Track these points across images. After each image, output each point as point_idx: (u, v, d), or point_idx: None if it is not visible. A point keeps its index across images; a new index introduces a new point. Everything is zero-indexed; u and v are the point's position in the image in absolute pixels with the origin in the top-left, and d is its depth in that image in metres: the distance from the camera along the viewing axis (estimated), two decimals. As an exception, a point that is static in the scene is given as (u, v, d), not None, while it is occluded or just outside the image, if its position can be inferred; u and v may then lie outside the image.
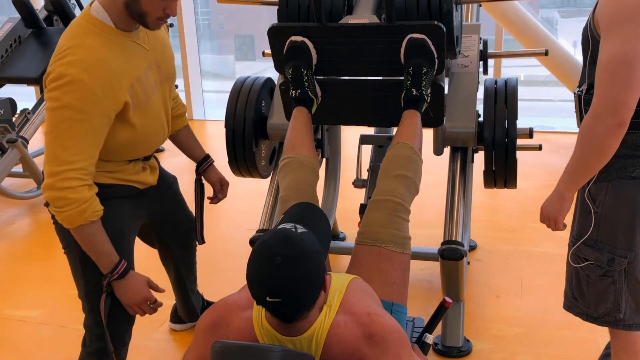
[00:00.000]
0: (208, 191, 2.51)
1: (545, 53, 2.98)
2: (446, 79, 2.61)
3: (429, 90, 2.16)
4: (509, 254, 3.42)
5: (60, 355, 2.66)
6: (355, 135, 3.15)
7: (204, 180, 2.51)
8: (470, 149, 2.71)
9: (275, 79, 2.90)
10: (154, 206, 2.28)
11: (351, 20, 2.25)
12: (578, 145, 1.67)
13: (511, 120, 2.55)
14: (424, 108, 2.16)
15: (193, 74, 6.80)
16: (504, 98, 2.59)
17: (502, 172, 2.60)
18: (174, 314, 2.80)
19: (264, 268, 1.49)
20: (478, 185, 2.84)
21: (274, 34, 2.29)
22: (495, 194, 4.03)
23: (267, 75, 2.99)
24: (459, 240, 2.46)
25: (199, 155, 2.48)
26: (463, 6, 2.69)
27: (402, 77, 2.18)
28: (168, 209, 2.38)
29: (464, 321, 2.63)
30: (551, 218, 1.81)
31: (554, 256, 3.29)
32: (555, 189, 1.78)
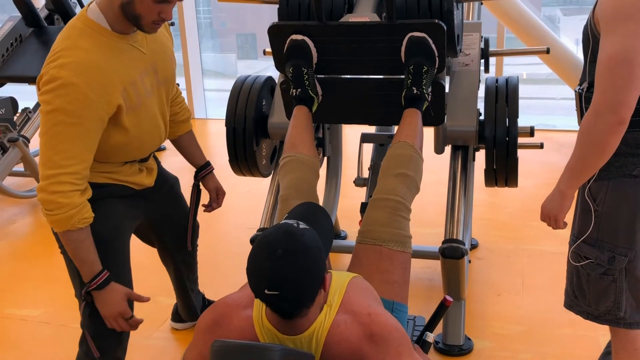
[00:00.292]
0: (205, 198, 2.51)
1: (547, 51, 2.97)
2: (447, 78, 2.61)
3: (429, 89, 2.16)
4: (510, 252, 3.41)
5: (61, 355, 2.66)
6: (356, 133, 3.14)
7: (201, 186, 2.50)
8: (471, 147, 2.70)
9: (276, 77, 2.89)
10: (152, 207, 2.27)
11: (352, 18, 2.25)
12: (578, 143, 1.67)
13: (512, 119, 2.55)
14: (425, 107, 2.16)
15: (194, 73, 6.79)
16: (505, 96, 2.59)
17: (503, 171, 2.59)
18: (175, 313, 2.80)
19: (263, 260, 1.49)
20: (479, 183, 2.83)
21: (275, 33, 2.28)
22: (496, 193, 4.03)
23: (269, 73, 2.99)
24: (460, 238, 2.46)
25: (199, 161, 2.47)
26: (464, 4, 2.68)
27: (403, 76, 2.18)
28: (168, 209, 2.38)
29: (465, 319, 2.63)
30: (551, 216, 1.81)
31: (555, 255, 3.29)
32: (555, 187, 1.78)
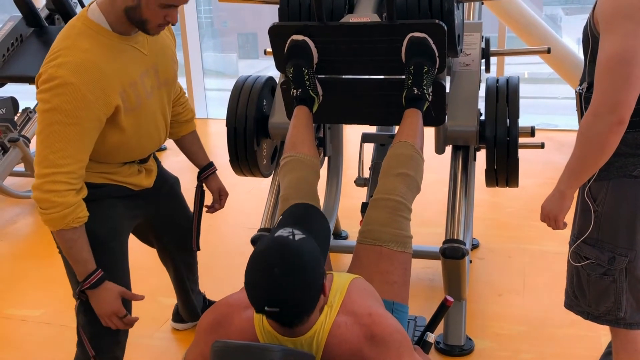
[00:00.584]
0: (208, 199, 2.50)
1: (548, 51, 2.97)
2: (448, 78, 2.60)
3: (430, 89, 2.15)
4: (512, 252, 3.41)
5: (62, 355, 2.66)
6: (357, 133, 3.14)
7: (204, 187, 2.50)
8: (471, 147, 2.70)
9: (277, 77, 2.89)
10: (151, 207, 2.27)
11: (352, 19, 2.24)
12: (578, 143, 1.66)
13: (513, 119, 2.54)
14: (426, 107, 2.16)
15: (195, 72, 6.78)
16: (505, 96, 2.58)
17: (504, 171, 2.59)
18: (176, 313, 2.80)
19: (261, 279, 1.48)
20: (480, 183, 2.83)
21: (275, 33, 2.28)
22: (497, 192, 4.02)
23: (270, 73, 2.99)
24: (461, 238, 2.45)
25: (202, 162, 2.47)
26: (465, 4, 2.68)
27: (404, 76, 2.17)
28: (167, 210, 2.37)
29: (466, 320, 2.62)
30: (551, 217, 1.81)
31: (556, 255, 3.28)
32: (555, 187, 1.78)
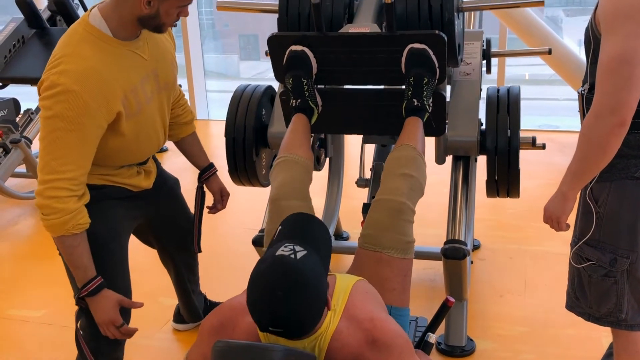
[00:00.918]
0: (209, 200, 2.50)
1: (549, 52, 2.97)
2: (448, 87, 2.57)
3: (430, 100, 2.12)
4: (513, 253, 3.41)
5: (63, 356, 2.66)
6: (358, 134, 3.13)
7: (205, 189, 2.50)
8: (472, 158, 2.68)
9: (276, 86, 2.88)
10: (151, 208, 2.27)
11: (352, 29, 2.22)
12: (579, 144, 1.66)
13: (513, 129, 2.51)
14: (426, 117, 2.13)
15: (197, 74, 6.79)
16: (506, 106, 2.56)
17: (505, 182, 2.56)
18: (177, 314, 2.80)
19: (264, 302, 1.47)
20: (481, 183, 2.83)
21: (274, 44, 2.26)
22: (499, 193, 4.01)
23: (271, 74, 2.97)
24: (462, 239, 2.45)
25: (202, 163, 2.47)
26: (465, 13, 2.66)
27: (403, 87, 2.15)
28: (167, 211, 2.37)
29: (467, 320, 2.62)
30: (554, 218, 1.80)
31: (557, 255, 3.28)
32: (557, 189, 1.77)
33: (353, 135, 3.87)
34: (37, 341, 2.82)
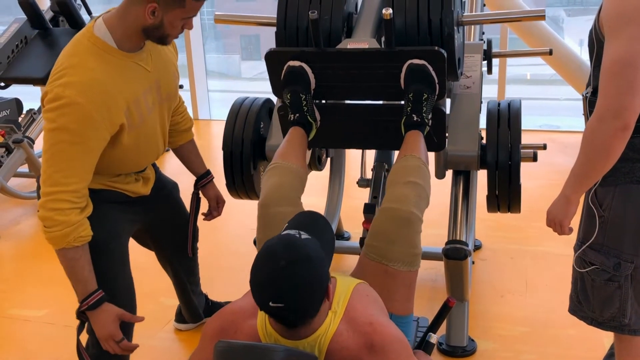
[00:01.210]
0: (204, 206, 2.51)
1: (550, 52, 2.97)
2: (448, 100, 2.54)
3: (430, 115, 2.09)
4: (514, 253, 3.41)
5: (65, 355, 2.67)
6: (359, 134, 3.13)
7: (201, 195, 2.49)
8: (473, 172, 2.65)
9: (274, 98, 2.87)
10: (149, 213, 2.27)
11: (350, 44, 2.19)
12: (582, 148, 1.64)
13: (514, 144, 2.49)
14: (426, 131, 2.10)
15: (198, 74, 6.80)
16: (507, 120, 2.53)
17: (506, 197, 2.53)
18: (179, 313, 2.80)
19: (267, 272, 1.49)
20: (482, 183, 2.83)
21: (272, 59, 2.23)
22: (500, 194, 4.01)
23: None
24: (464, 239, 2.46)
25: (199, 170, 2.47)
26: (465, 26, 2.62)
27: (403, 102, 2.12)
28: (165, 215, 2.38)
29: (468, 321, 2.62)
30: (557, 222, 1.77)
31: (558, 256, 3.28)
32: (560, 192, 1.75)
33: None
34: (39, 341, 2.83)
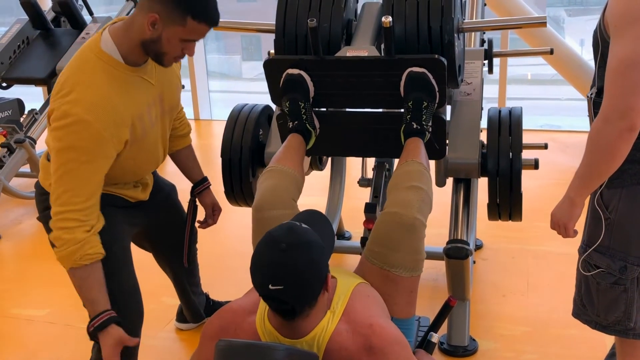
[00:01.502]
0: (201, 214, 2.50)
1: (551, 52, 2.97)
2: (448, 107, 2.52)
3: (430, 123, 2.08)
4: (515, 253, 3.41)
5: (67, 355, 2.67)
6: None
7: (197, 202, 2.48)
8: (473, 180, 2.63)
9: (274, 105, 2.86)
10: (147, 217, 2.27)
11: (349, 52, 2.18)
12: (588, 149, 1.61)
13: (516, 152, 2.47)
14: (426, 139, 2.09)
15: (200, 74, 6.80)
16: (508, 127, 2.51)
17: (507, 205, 2.52)
18: (180, 313, 2.81)
19: (268, 254, 1.52)
20: (483, 183, 2.83)
21: (270, 67, 2.22)
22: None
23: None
24: (465, 239, 2.46)
25: (196, 177, 2.46)
26: (465, 33, 2.61)
27: (402, 110, 2.10)
28: (163, 218, 2.37)
29: (469, 320, 2.62)
30: (561, 224, 1.75)
31: (560, 255, 3.28)
32: (565, 194, 1.73)
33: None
34: (41, 340, 2.83)
